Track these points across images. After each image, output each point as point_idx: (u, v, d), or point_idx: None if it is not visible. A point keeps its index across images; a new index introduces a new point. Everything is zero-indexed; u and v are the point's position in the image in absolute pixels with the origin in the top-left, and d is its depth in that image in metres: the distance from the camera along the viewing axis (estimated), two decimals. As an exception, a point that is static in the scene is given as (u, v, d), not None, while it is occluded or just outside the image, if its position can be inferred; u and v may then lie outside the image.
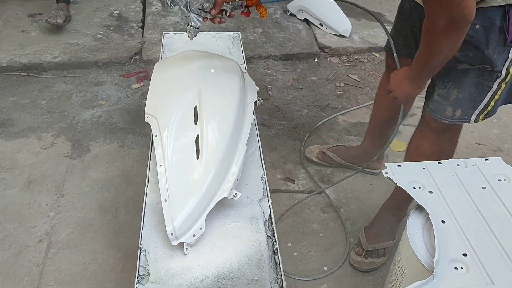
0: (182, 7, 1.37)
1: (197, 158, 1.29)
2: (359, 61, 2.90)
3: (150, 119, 1.43)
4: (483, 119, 1.48)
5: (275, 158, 2.16)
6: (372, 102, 2.34)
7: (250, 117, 1.48)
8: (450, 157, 1.51)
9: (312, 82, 2.71)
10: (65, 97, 2.50)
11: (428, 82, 1.53)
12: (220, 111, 1.42)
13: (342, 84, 2.70)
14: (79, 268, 1.66)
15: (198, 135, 1.34)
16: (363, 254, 1.68)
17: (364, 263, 1.67)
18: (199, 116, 1.39)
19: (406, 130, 2.32)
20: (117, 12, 3.19)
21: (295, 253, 1.73)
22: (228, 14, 1.51)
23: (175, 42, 2.08)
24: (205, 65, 1.60)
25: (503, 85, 1.39)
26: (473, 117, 1.46)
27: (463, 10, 1.14)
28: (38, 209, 1.87)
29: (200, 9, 1.42)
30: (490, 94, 1.41)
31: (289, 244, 1.77)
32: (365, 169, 2.07)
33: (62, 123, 2.32)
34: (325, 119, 2.40)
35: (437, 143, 1.57)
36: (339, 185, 2.01)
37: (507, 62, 1.34)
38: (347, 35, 2.98)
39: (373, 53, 2.94)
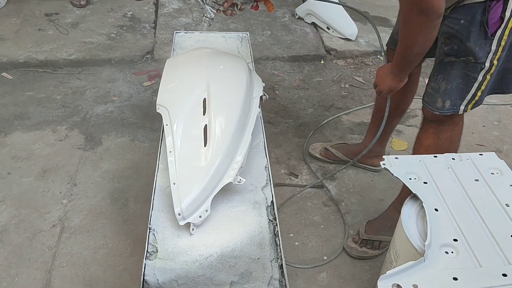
0: None
1: (205, 146, 1.37)
2: (364, 63, 2.97)
3: (161, 110, 1.52)
4: (471, 109, 1.56)
5: (280, 154, 2.23)
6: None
7: (255, 110, 1.56)
8: (450, 151, 1.57)
9: (318, 83, 2.78)
10: (79, 92, 2.60)
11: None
12: (227, 103, 1.50)
13: (347, 86, 2.77)
14: (90, 251, 1.74)
15: (206, 125, 1.42)
16: (359, 242, 1.75)
17: (356, 250, 1.74)
18: (208, 108, 1.47)
19: (407, 130, 2.38)
20: (130, 13, 3.30)
21: (296, 243, 1.80)
22: (239, 7, 1.66)
23: (186, 40, 2.17)
24: (214, 60, 1.69)
25: (488, 76, 1.48)
26: (462, 107, 1.54)
27: (431, 2, 1.24)
28: (52, 196, 1.96)
29: (214, 2, 1.59)
30: (476, 85, 1.49)
31: (291, 235, 1.84)
32: (367, 166, 2.15)
33: (76, 117, 2.42)
34: (330, 118, 2.47)
35: (434, 134, 1.64)
36: (341, 181, 2.08)
37: (490, 54, 1.43)
38: (353, 39, 3.06)
39: (378, 56, 3.01)
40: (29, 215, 1.87)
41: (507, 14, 1.36)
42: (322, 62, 2.96)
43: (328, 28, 3.12)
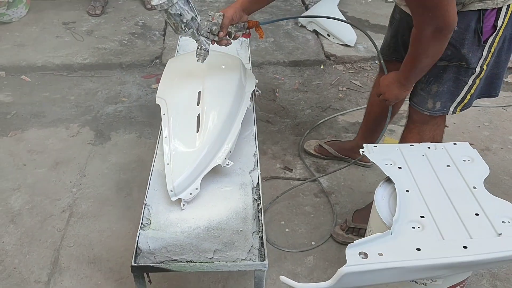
0: (194, 30, 1.53)
1: (197, 132, 1.51)
2: (363, 68, 3.09)
3: (160, 101, 1.67)
4: (460, 111, 1.66)
5: (276, 151, 2.36)
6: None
7: (246, 103, 1.70)
8: None
9: (317, 86, 2.91)
10: (91, 94, 2.78)
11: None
12: (220, 95, 1.64)
13: (344, 89, 2.89)
14: (95, 234, 1.88)
15: (199, 114, 1.56)
16: (346, 229, 1.85)
17: (342, 236, 1.85)
18: (202, 99, 1.61)
19: (400, 129, 2.47)
20: (142, 21, 3.49)
21: (287, 230, 1.92)
22: (233, 36, 1.65)
23: (189, 44, 2.33)
24: (210, 59, 1.83)
25: (477, 81, 1.57)
26: (451, 109, 1.64)
27: (447, 19, 1.30)
28: (63, 185, 2.12)
29: (209, 32, 1.57)
30: (466, 88, 1.59)
31: (282, 222, 1.95)
32: (358, 162, 2.25)
33: (88, 115, 2.59)
34: (326, 118, 2.60)
35: (417, 133, 1.74)
36: (332, 175, 2.20)
37: (481, 60, 1.52)
38: (352, 45, 3.19)
39: (376, 61, 3.13)
40: (41, 201, 2.03)
41: (500, 22, 1.45)
42: (321, 67, 3.09)
43: (328, 35, 3.26)
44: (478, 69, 1.54)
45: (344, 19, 3.26)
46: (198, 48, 1.60)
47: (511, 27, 1.48)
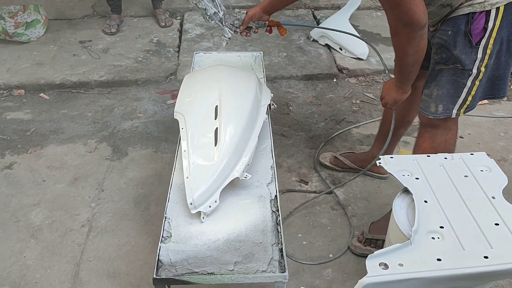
0: (217, 21, 1.86)
1: (215, 145, 1.53)
2: (375, 81, 3.11)
3: (178, 116, 1.71)
4: (464, 113, 1.68)
5: (291, 164, 2.37)
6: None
7: (262, 116, 1.73)
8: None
9: (330, 99, 2.93)
10: (108, 110, 2.83)
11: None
12: (237, 109, 1.67)
13: (358, 101, 2.91)
14: (114, 248, 1.90)
15: (217, 128, 1.59)
16: (363, 241, 1.85)
17: (360, 248, 1.84)
18: (219, 113, 1.64)
19: (414, 141, 2.48)
20: (156, 39, 3.56)
21: (304, 242, 1.92)
22: (253, 30, 1.94)
23: (204, 60, 2.37)
24: (226, 74, 1.87)
25: (477, 82, 1.60)
26: (454, 111, 1.66)
27: (412, 16, 1.38)
28: (82, 200, 2.15)
29: (232, 25, 1.90)
30: (465, 90, 1.62)
31: (300, 235, 1.96)
32: (374, 173, 2.26)
33: (105, 131, 2.64)
34: (340, 131, 2.61)
35: (429, 138, 1.76)
36: (349, 187, 2.20)
37: (477, 62, 1.56)
38: (365, 58, 3.21)
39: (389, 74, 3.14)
40: (61, 216, 2.06)
41: (490, 24, 1.50)
42: (334, 80, 3.12)
43: (340, 48, 3.29)
44: (475, 71, 1.57)
45: (357, 33, 3.30)
46: (222, 35, 1.93)
47: (506, 29, 1.52)
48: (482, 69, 1.57)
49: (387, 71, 1.92)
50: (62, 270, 1.81)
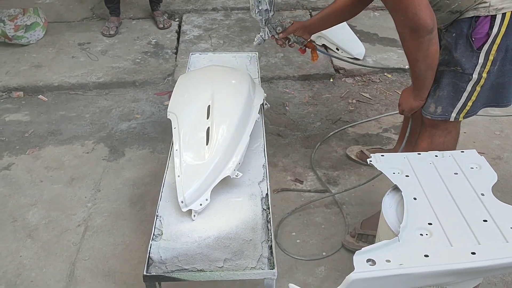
0: (263, 19, 1.82)
1: (207, 144, 1.55)
2: (372, 81, 3.12)
3: (171, 116, 1.72)
4: (463, 118, 1.67)
5: (287, 163, 2.39)
6: (381, 116, 2.77)
7: (255, 116, 1.74)
8: None
9: (327, 99, 2.94)
10: (105, 111, 2.85)
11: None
12: (229, 109, 1.68)
13: (354, 101, 2.92)
14: (110, 247, 1.92)
15: (208, 127, 1.60)
16: (356, 236, 1.86)
17: (352, 244, 1.85)
18: (211, 113, 1.65)
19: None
20: (154, 40, 3.58)
21: (298, 241, 1.93)
22: (290, 43, 1.94)
23: (199, 61, 2.39)
24: (219, 74, 1.89)
25: (478, 88, 1.59)
26: (453, 115, 1.65)
27: (418, 21, 1.39)
28: (78, 200, 2.17)
29: (273, 29, 1.88)
30: (465, 95, 1.61)
31: (294, 233, 1.97)
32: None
33: (102, 132, 2.66)
34: (336, 130, 2.62)
35: (428, 137, 1.76)
36: (343, 186, 2.21)
37: (478, 67, 1.54)
38: (361, 58, 3.22)
39: (385, 74, 3.15)
40: (57, 216, 2.08)
41: (494, 30, 1.48)
42: (331, 80, 3.13)
43: (337, 49, 3.30)
44: (475, 76, 1.56)
45: (357, 38, 3.30)
46: (259, 33, 1.91)
47: None
48: (484, 75, 1.55)
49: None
50: (58, 269, 1.83)
